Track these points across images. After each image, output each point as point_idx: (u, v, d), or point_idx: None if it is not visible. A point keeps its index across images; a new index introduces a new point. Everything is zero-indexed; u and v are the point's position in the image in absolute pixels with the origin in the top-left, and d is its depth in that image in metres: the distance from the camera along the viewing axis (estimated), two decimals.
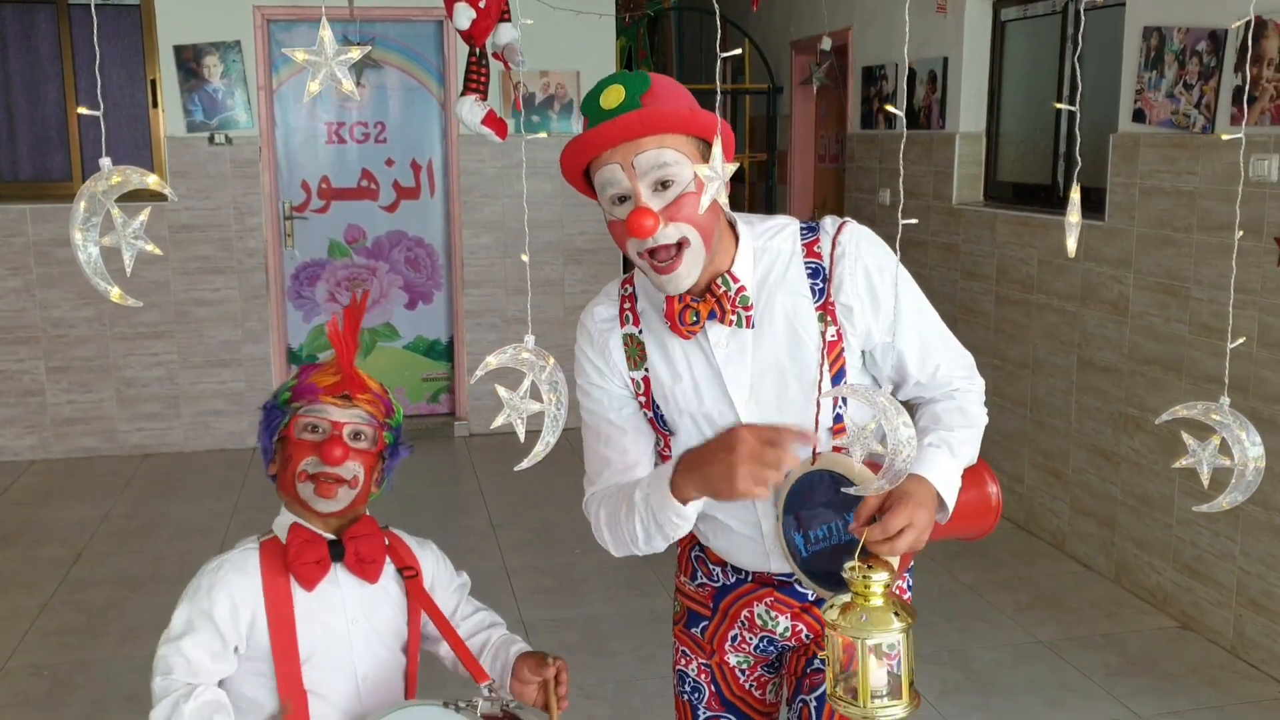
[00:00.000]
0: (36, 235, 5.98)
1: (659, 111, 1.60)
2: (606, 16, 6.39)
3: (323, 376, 1.92)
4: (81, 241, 1.38)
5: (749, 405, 1.76)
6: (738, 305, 1.72)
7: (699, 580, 2.04)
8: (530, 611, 4.21)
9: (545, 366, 1.46)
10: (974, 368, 1.89)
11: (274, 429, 1.92)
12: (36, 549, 4.89)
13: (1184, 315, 4.04)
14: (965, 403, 1.83)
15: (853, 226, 1.78)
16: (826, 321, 1.74)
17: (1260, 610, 3.75)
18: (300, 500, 1.88)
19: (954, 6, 5.47)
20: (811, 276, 1.76)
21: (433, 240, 6.58)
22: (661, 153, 1.60)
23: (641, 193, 1.62)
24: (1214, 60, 3.85)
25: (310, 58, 1.35)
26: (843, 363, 1.77)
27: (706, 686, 2.06)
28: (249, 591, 1.83)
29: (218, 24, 6.00)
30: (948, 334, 1.88)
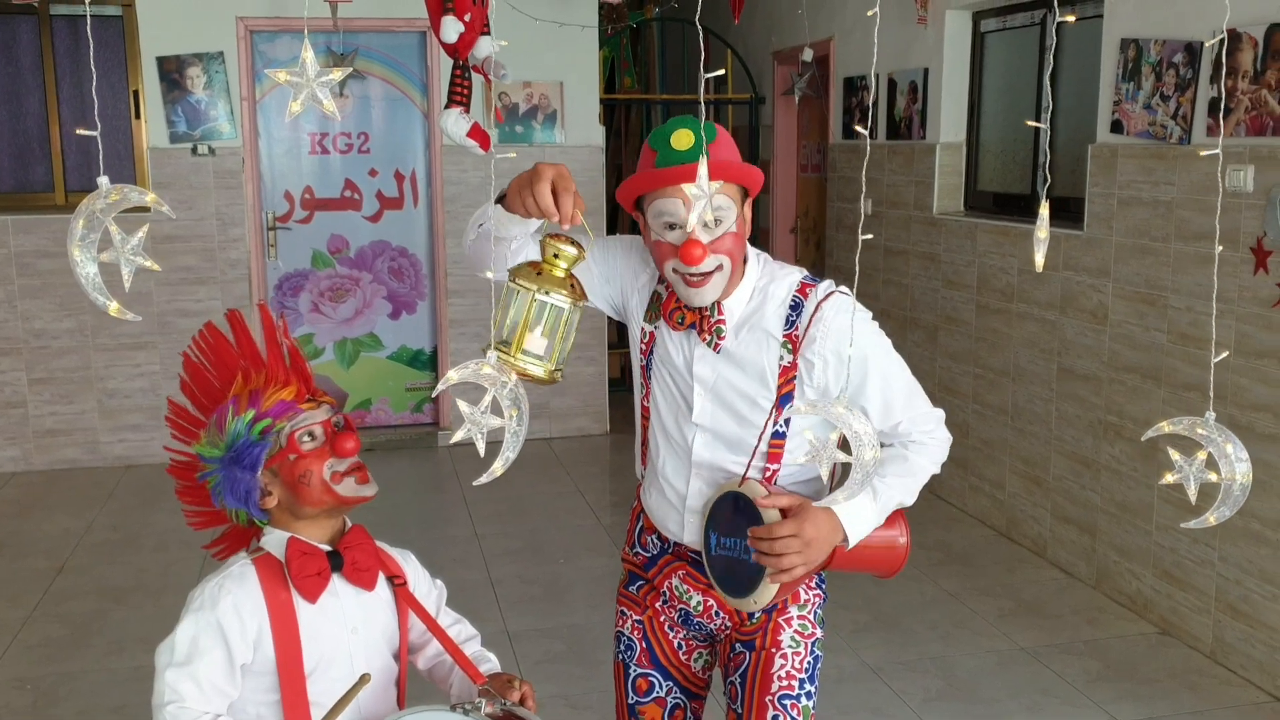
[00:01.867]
0: (18, 246, 5.96)
1: (723, 163, 1.90)
2: (589, 28, 6.42)
3: (281, 393, 1.92)
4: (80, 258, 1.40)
5: (703, 398, 2.05)
6: (713, 331, 2.01)
7: (635, 549, 2.26)
8: (515, 621, 4.21)
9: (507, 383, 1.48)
10: (940, 423, 2.08)
11: (257, 463, 1.89)
12: (19, 561, 4.87)
13: (1162, 324, 4.08)
14: (914, 454, 2.04)
15: (838, 299, 2.01)
16: (787, 349, 2.00)
17: (1239, 616, 3.79)
18: (341, 500, 1.89)
19: (934, 18, 5.52)
20: (792, 310, 2.01)
21: (416, 250, 6.59)
22: (719, 198, 1.90)
23: (696, 228, 1.88)
24: (1190, 72, 3.90)
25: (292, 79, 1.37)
26: (792, 388, 2.01)
27: (638, 643, 2.23)
28: (253, 605, 1.84)
29: (200, 35, 6.00)
30: (915, 393, 2.07)
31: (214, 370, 1.99)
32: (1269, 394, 3.61)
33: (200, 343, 2.00)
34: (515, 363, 1.64)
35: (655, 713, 2.23)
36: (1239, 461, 1.49)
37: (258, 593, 1.85)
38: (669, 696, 2.23)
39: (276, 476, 1.89)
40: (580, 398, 6.74)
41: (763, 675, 2.11)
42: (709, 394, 2.05)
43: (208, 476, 1.93)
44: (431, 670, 2.14)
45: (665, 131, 1.93)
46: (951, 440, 2.11)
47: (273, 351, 1.96)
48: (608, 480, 6.16)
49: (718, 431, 2.07)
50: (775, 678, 2.10)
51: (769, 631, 2.12)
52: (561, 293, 1.64)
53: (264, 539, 1.94)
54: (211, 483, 1.93)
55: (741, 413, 2.04)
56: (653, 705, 2.22)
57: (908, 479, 2.03)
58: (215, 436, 1.91)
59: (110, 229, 1.41)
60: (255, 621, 1.83)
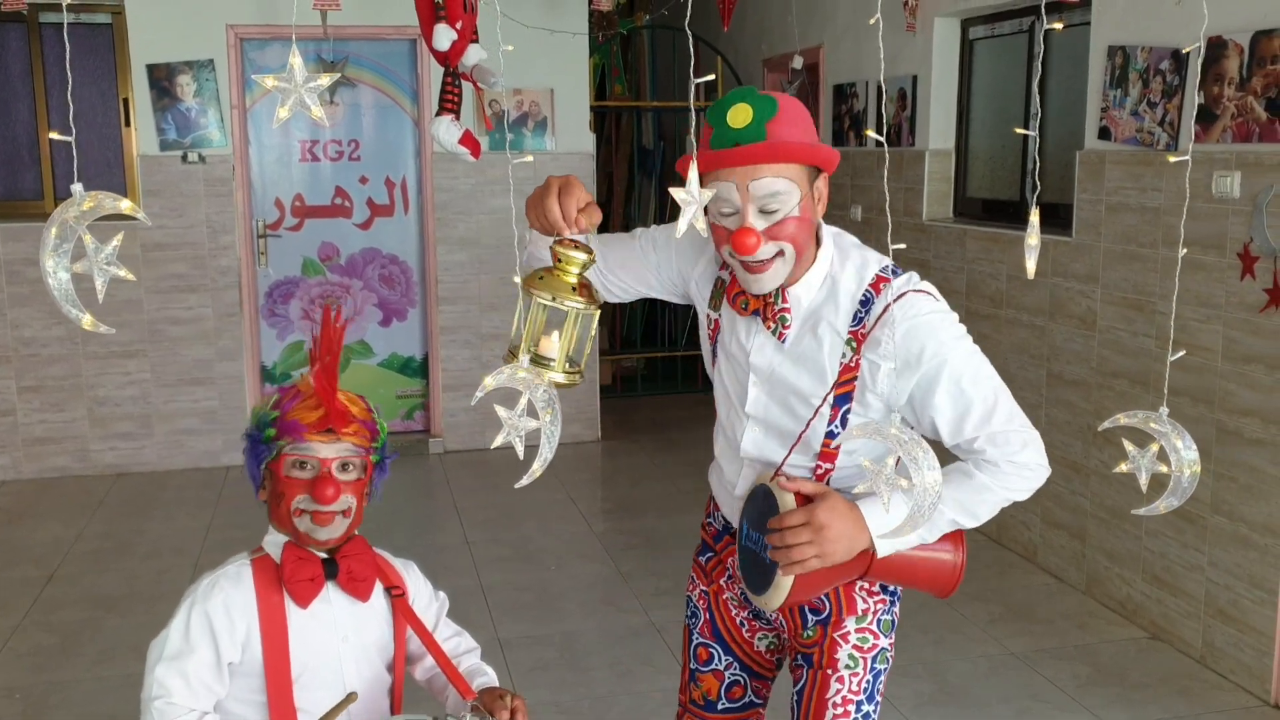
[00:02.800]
0: (7, 254, 5.95)
1: (779, 146, 1.74)
2: (580, 35, 6.43)
3: (305, 413, 1.87)
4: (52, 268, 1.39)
5: (757, 388, 1.96)
6: (776, 319, 1.89)
7: (709, 519, 2.25)
8: (507, 628, 4.21)
9: (540, 385, 1.49)
10: (1029, 447, 1.85)
11: (261, 459, 1.91)
12: (8, 570, 4.85)
13: (1150, 329, 4.10)
14: (985, 473, 1.84)
15: (913, 297, 1.85)
16: (851, 345, 1.86)
17: (1228, 620, 3.80)
18: (296, 533, 1.90)
19: (923, 25, 5.54)
20: (861, 306, 1.87)
21: (407, 257, 6.59)
22: (775, 182, 1.75)
23: (749, 214, 1.77)
24: (1177, 79, 3.92)
25: (280, 84, 1.37)
26: (852, 388, 1.87)
27: (703, 612, 2.20)
28: (245, 605, 1.85)
29: (190, 42, 6.00)
30: (1000, 409, 1.85)
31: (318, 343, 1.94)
32: (1256, 399, 3.63)
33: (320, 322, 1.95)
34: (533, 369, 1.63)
35: (712, 684, 2.19)
36: (1187, 451, 1.58)
37: (250, 593, 1.86)
38: (727, 671, 2.18)
39: (271, 479, 1.91)
40: (573, 405, 6.74)
41: (817, 700, 2.01)
42: (764, 385, 1.95)
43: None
44: (429, 681, 2.13)
45: (723, 105, 1.79)
46: (1045, 470, 1.88)
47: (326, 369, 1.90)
48: (599, 487, 6.16)
49: (768, 424, 1.97)
50: (830, 704, 2.00)
51: (825, 649, 2.02)
52: (573, 297, 1.64)
53: (265, 539, 1.95)
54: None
55: (794, 408, 1.93)
56: (710, 676, 2.19)
57: (965, 497, 1.86)
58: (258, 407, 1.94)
59: (84, 238, 1.40)
60: (245, 621, 1.84)
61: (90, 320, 1.37)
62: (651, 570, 4.77)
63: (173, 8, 5.93)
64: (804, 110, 1.83)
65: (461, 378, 6.60)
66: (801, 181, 1.78)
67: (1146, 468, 1.60)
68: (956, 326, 1.86)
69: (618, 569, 4.81)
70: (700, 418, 7.22)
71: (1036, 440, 1.86)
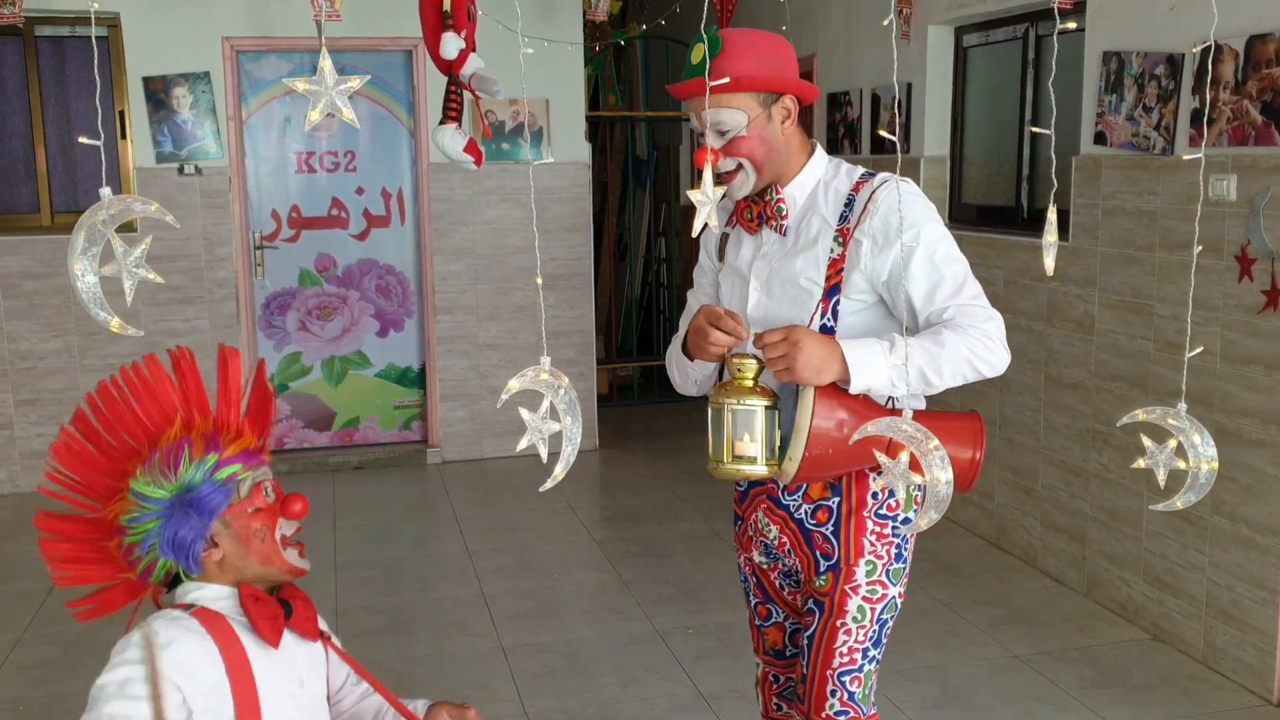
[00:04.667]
0: (4, 268, 5.94)
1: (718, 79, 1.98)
2: (576, 45, 6.46)
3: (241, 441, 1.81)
4: (81, 272, 1.40)
5: (757, 292, 2.20)
6: (774, 212, 2.17)
7: (735, 484, 2.40)
8: (510, 636, 4.21)
9: (561, 387, 1.50)
10: (992, 321, 2.05)
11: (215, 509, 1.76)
12: (8, 583, 4.84)
13: (1148, 332, 4.12)
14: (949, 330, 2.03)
15: (895, 182, 2.09)
16: (838, 242, 2.11)
17: (1230, 621, 3.82)
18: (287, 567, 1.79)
19: (917, 33, 5.57)
20: (846, 206, 2.13)
21: (403, 268, 6.60)
22: (718, 111, 2.07)
23: (709, 136, 2.08)
24: (1172, 84, 3.95)
25: (311, 87, 1.38)
26: (839, 279, 2.11)
27: (750, 577, 2.44)
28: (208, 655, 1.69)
29: (186, 55, 6.01)
30: (969, 287, 2.08)
31: (142, 408, 1.83)
32: (1255, 400, 3.65)
33: (131, 375, 1.83)
34: (738, 470, 1.82)
35: (776, 635, 2.44)
36: (1205, 448, 1.61)
37: (210, 642, 1.70)
38: (786, 622, 2.41)
39: (228, 529, 1.77)
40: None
41: (826, 649, 2.20)
42: (762, 287, 2.19)
43: (142, 520, 1.75)
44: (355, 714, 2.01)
45: (694, 40, 2.08)
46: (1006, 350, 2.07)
47: (229, 401, 1.83)
48: (598, 496, 6.16)
49: (768, 322, 2.16)
50: (837, 653, 2.19)
51: (836, 601, 2.19)
52: (754, 397, 1.82)
53: (193, 595, 1.77)
54: (143, 528, 1.75)
55: (791, 297, 2.15)
56: (773, 629, 2.44)
57: (934, 349, 2.01)
58: (159, 477, 1.75)
59: (112, 242, 1.41)
60: (214, 673, 1.69)
61: (118, 323, 1.38)
62: (653, 578, 4.78)
63: (169, 20, 5.94)
64: (753, 42, 2.11)
65: (459, 388, 6.60)
66: (749, 106, 2.09)
67: (1164, 464, 1.61)
68: (932, 210, 2.12)
69: (619, 577, 4.82)
70: (697, 426, 7.22)
71: (999, 319, 2.08)
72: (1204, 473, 1.60)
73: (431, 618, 4.37)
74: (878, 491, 2.17)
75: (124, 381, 1.83)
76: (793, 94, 2.13)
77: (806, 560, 2.24)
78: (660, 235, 8.88)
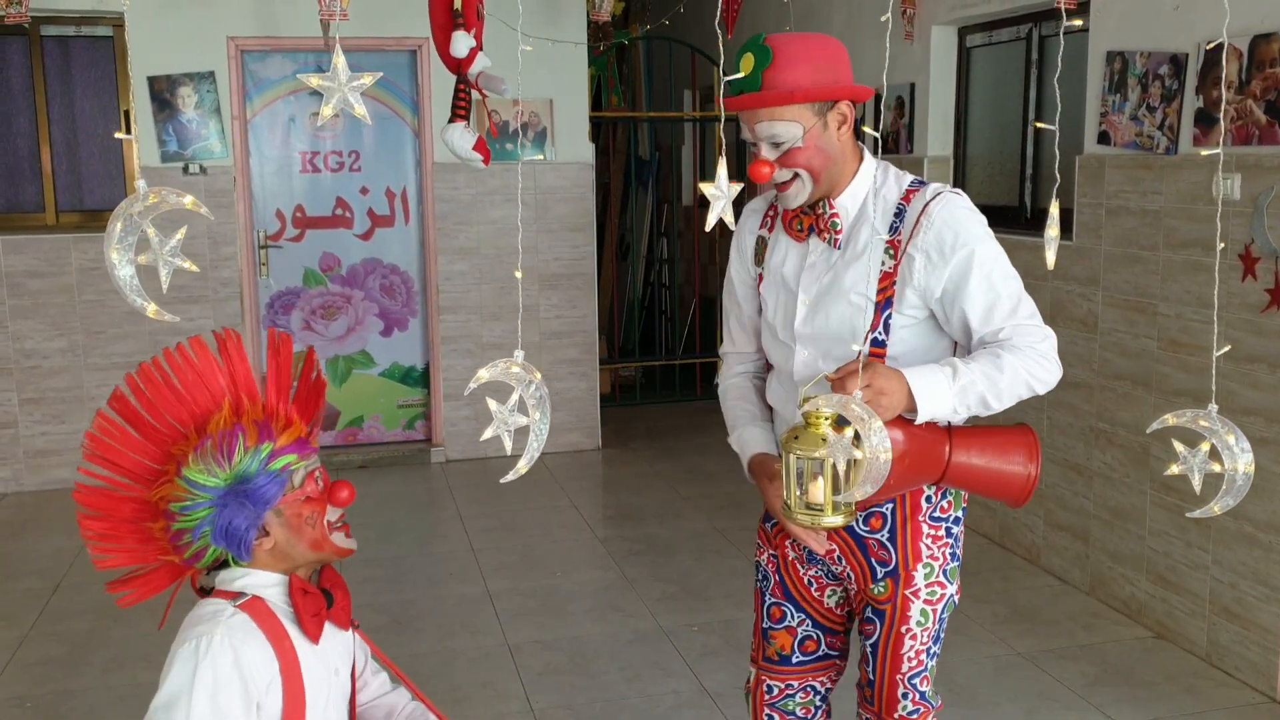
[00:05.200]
0: (9, 267, 5.95)
1: (771, 95, 1.98)
2: (580, 46, 6.47)
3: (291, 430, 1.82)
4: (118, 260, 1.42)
5: (805, 306, 2.15)
6: (828, 226, 2.11)
7: None
8: (515, 634, 4.22)
9: (532, 382, 1.51)
10: (1048, 341, 2.07)
11: (270, 499, 1.77)
12: (13, 581, 4.85)
13: (1152, 331, 4.14)
14: (1007, 353, 2.01)
15: (948, 195, 2.07)
16: (889, 254, 2.07)
17: (1233, 618, 3.83)
18: (337, 550, 1.83)
19: (920, 34, 5.59)
20: (896, 217, 2.08)
21: (408, 267, 6.61)
22: (773, 125, 2.01)
23: (762, 148, 2.04)
24: (1175, 83, 3.97)
25: (324, 83, 1.40)
26: (892, 293, 2.07)
27: (772, 575, 2.36)
28: (264, 655, 1.73)
29: (191, 55, 6.03)
30: (1024, 306, 2.07)
31: (188, 390, 1.82)
32: (1259, 398, 3.66)
33: (175, 357, 1.82)
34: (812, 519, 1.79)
35: (785, 639, 2.36)
36: (1242, 452, 1.53)
37: (264, 641, 1.73)
38: (800, 627, 2.34)
39: (281, 517, 1.79)
40: (573, 413, 6.76)
41: (893, 654, 2.19)
42: (812, 301, 2.13)
43: (194, 509, 1.75)
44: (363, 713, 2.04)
45: (739, 54, 2.03)
46: (1059, 367, 2.08)
47: (280, 387, 1.84)
48: (601, 495, 6.18)
49: (817, 339, 2.13)
50: (905, 658, 2.20)
51: (898, 605, 2.17)
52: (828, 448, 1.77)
53: (241, 582, 1.79)
54: (195, 516, 1.75)
55: (841, 312, 2.09)
56: (784, 632, 2.35)
57: (994, 374, 1.99)
58: (214, 465, 1.75)
59: (148, 231, 1.43)
60: (269, 672, 1.73)
61: (155, 309, 1.40)
62: (657, 576, 4.79)
63: (173, 20, 5.95)
64: (813, 47, 2.03)
65: (462, 387, 6.60)
66: (804, 116, 2.01)
67: (1199, 468, 1.56)
68: (984, 225, 2.07)
69: (623, 575, 4.83)
70: (698, 425, 7.25)
71: (1053, 337, 2.08)
72: (1240, 475, 1.54)
73: (436, 616, 4.38)
74: (931, 495, 2.16)
75: (167, 363, 1.81)
76: (848, 99, 2.06)
77: (860, 568, 2.20)
78: (662, 236, 8.90)
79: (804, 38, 2.05)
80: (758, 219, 2.29)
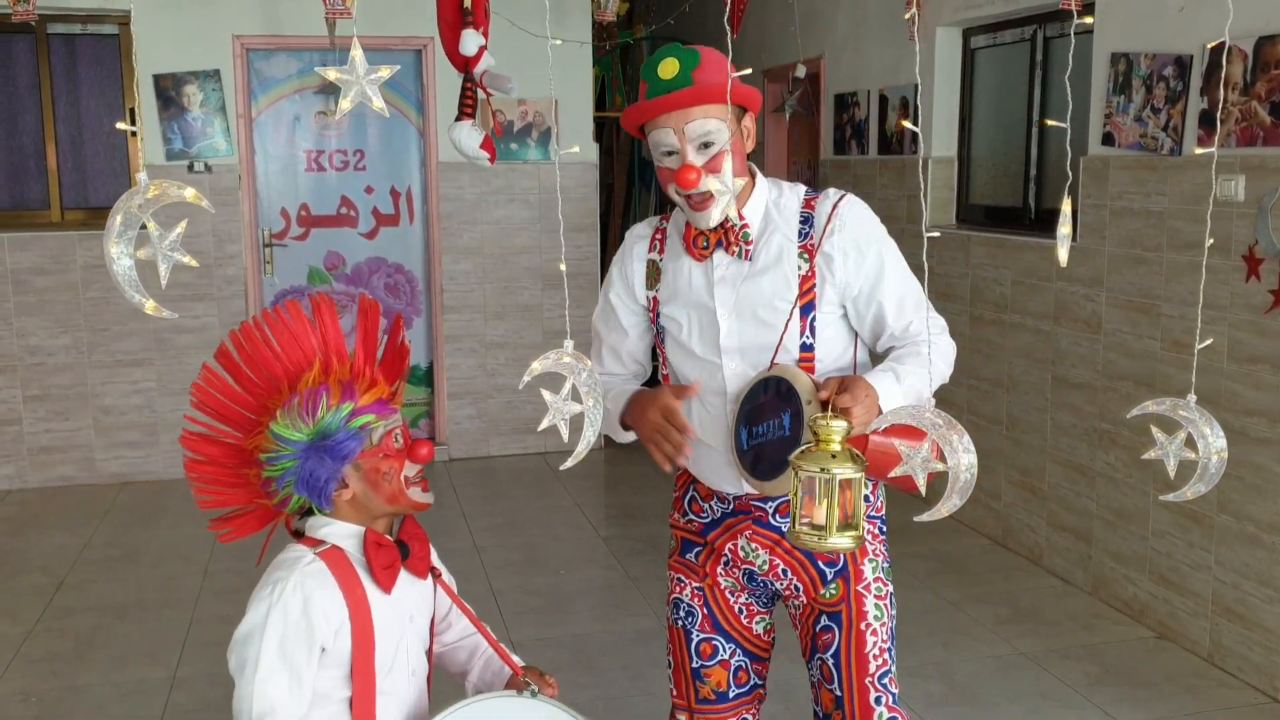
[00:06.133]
0: (14, 264, 5.97)
1: (706, 89, 1.96)
2: (585, 45, 6.48)
3: (374, 391, 1.93)
4: (116, 255, 1.42)
5: (727, 320, 2.10)
6: (740, 239, 2.08)
7: (689, 516, 2.28)
8: (519, 631, 4.23)
9: (584, 370, 1.52)
10: (945, 331, 2.17)
11: (348, 456, 1.88)
12: (17, 578, 4.86)
13: (1155, 332, 4.14)
14: (925, 346, 2.07)
15: (852, 198, 2.12)
16: (804, 259, 2.07)
17: (1236, 619, 3.84)
18: (413, 504, 1.93)
19: (925, 35, 5.60)
20: (803, 224, 2.09)
21: (412, 267, 6.62)
22: (706, 122, 1.97)
23: (688, 153, 1.98)
24: (1180, 85, 3.97)
25: (342, 76, 1.41)
26: (813, 296, 2.08)
27: (699, 609, 2.26)
28: (334, 602, 1.84)
29: (197, 53, 6.04)
30: (924, 301, 2.10)
31: (283, 348, 1.95)
32: (1262, 399, 3.67)
33: (275, 317, 1.96)
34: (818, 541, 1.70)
35: (720, 675, 2.27)
36: (1215, 439, 1.62)
37: (335, 589, 1.85)
38: (732, 659, 2.27)
39: (359, 471, 1.90)
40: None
41: (858, 656, 2.15)
42: (732, 314, 2.10)
43: (279, 459, 1.89)
44: (443, 655, 2.16)
45: (654, 62, 2.00)
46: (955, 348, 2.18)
47: (367, 349, 1.96)
48: (603, 494, 6.19)
49: (745, 350, 2.09)
50: (870, 658, 2.16)
51: (853, 603, 2.16)
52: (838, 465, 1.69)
53: (325, 530, 1.92)
54: (280, 467, 1.89)
55: (766, 320, 2.08)
56: (717, 668, 2.27)
57: (920, 367, 2.04)
58: (298, 421, 1.87)
59: (148, 225, 1.43)
60: (338, 618, 1.84)
61: (153, 305, 1.40)
62: (659, 575, 4.80)
63: (179, 19, 5.96)
64: (723, 59, 2.00)
65: (466, 386, 6.63)
66: (729, 120, 1.99)
67: (1174, 454, 1.63)
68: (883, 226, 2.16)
69: (626, 573, 4.84)
70: None
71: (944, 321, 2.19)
72: (1214, 463, 1.60)
73: None
74: (868, 494, 2.15)
75: (265, 323, 1.96)
76: (753, 114, 2.09)
77: (809, 577, 2.17)
78: None
79: (711, 49, 2.05)
80: (645, 244, 2.23)
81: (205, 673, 3.84)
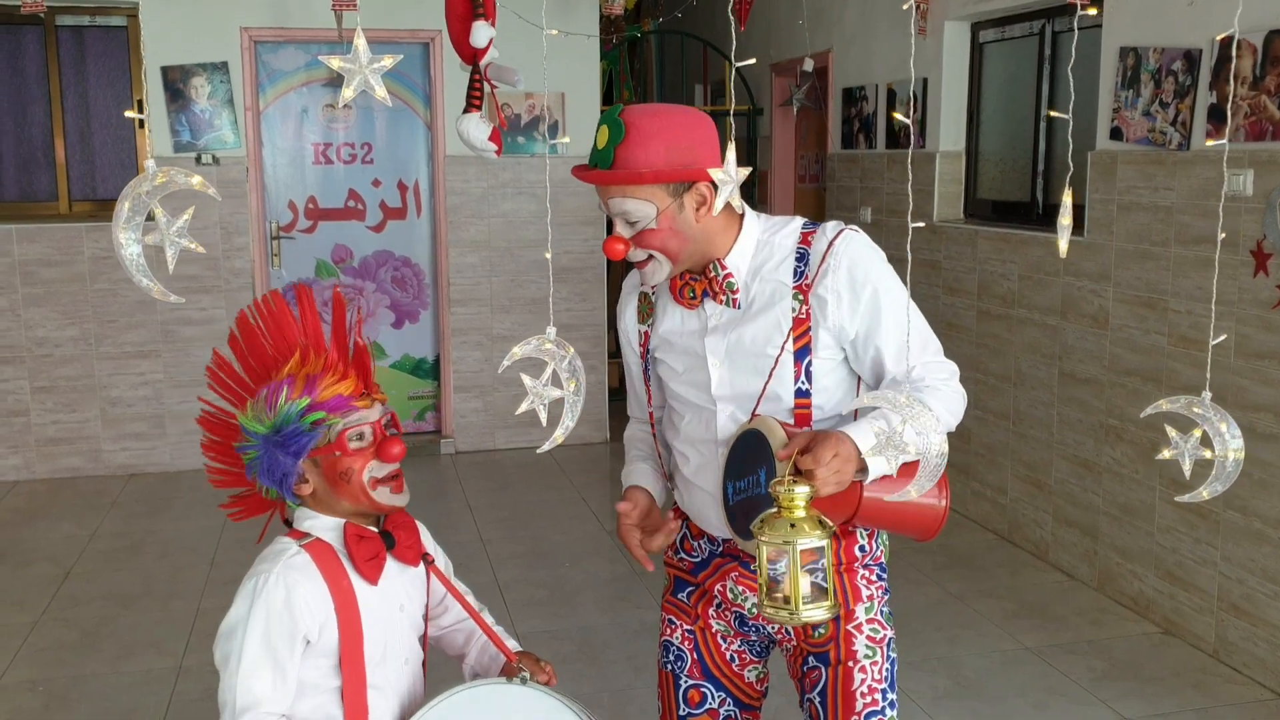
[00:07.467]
0: (22, 255, 5.98)
1: (622, 174, 1.87)
2: (592, 38, 6.48)
3: (339, 386, 1.90)
4: (125, 241, 1.43)
5: (718, 368, 2.01)
6: (724, 288, 1.99)
7: (680, 555, 2.21)
8: (524, 623, 4.24)
9: (566, 356, 1.53)
10: (955, 376, 2.01)
11: (303, 451, 1.87)
12: (24, 568, 4.88)
13: (1163, 327, 4.14)
14: (928, 397, 1.92)
15: (850, 234, 1.98)
16: (799, 300, 1.96)
17: (1241, 615, 3.83)
18: (376, 505, 1.91)
19: (933, 29, 5.59)
20: (799, 261, 1.98)
21: (419, 260, 6.63)
22: (624, 202, 1.89)
23: (617, 224, 1.93)
24: (1189, 79, 3.96)
25: (346, 65, 1.41)
26: (808, 340, 1.97)
27: (689, 654, 2.17)
28: (319, 594, 1.83)
29: (205, 45, 6.05)
30: (930, 341, 2.01)
31: (270, 339, 1.96)
32: (1269, 394, 3.66)
33: (263, 307, 1.97)
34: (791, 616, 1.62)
35: None
36: (1232, 439, 1.56)
37: (320, 582, 1.84)
38: (721, 707, 2.18)
39: (317, 467, 1.88)
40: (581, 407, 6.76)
41: (844, 693, 2.05)
42: (723, 361, 2.00)
43: (247, 449, 1.91)
44: (440, 639, 2.15)
45: (600, 122, 1.92)
46: (966, 399, 2.03)
47: (338, 340, 1.95)
48: (609, 487, 6.19)
49: (737, 397, 2.00)
50: (858, 695, 2.05)
51: (841, 643, 2.06)
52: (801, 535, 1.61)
53: (309, 523, 1.92)
54: (248, 456, 1.92)
55: (758, 367, 1.98)
56: (705, 716, 2.18)
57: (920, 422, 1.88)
58: (262, 413, 1.88)
59: (155, 211, 1.44)
60: (323, 611, 1.83)
61: (160, 289, 1.41)
62: (663, 567, 4.79)
63: (187, 11, 5.97)
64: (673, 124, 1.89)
65: (473, 379, 6.64)
66: (657, 196, 1.88)
67: (1190, 454, 1.57)
68: (888, 263, 2.00)
69: (631, 567, 4.84)
70: None
71: (957, 370, 2.02)
72: (1230, 462, 1.54)
73: None
74: (865, 544, 2.08)
75: (256, 312, 1.98)
76: (706, 181, 1.89)
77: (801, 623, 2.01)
78: None
79: (666, 112, 1.92)
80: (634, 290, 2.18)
81: (211, 663, 3.84)
